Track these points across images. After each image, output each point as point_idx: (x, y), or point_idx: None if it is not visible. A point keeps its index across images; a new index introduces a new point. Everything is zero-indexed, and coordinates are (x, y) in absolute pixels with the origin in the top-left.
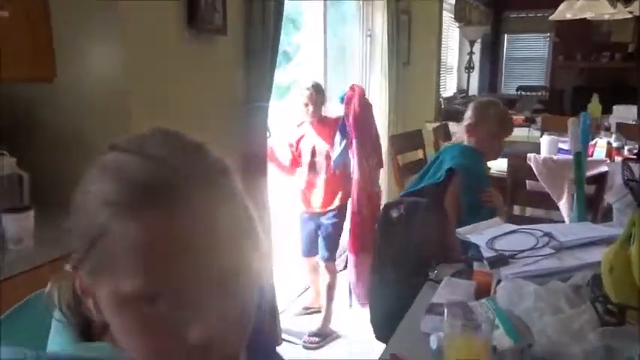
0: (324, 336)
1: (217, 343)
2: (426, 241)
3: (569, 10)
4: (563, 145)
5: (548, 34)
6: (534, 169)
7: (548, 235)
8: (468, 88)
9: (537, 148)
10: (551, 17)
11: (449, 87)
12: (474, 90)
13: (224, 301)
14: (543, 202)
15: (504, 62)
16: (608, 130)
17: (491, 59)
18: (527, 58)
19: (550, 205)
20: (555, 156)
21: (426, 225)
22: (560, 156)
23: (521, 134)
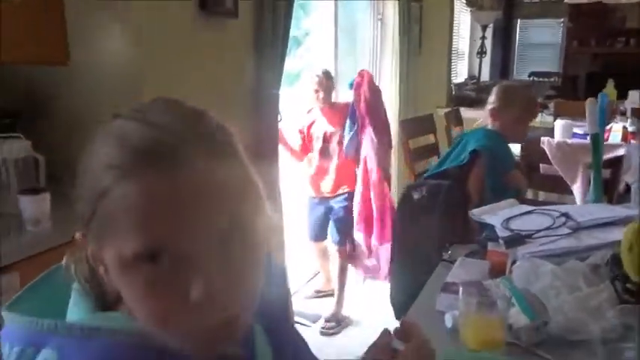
0: (339, 321)
1: (218, 302)
2: (448, 223)
3: None
4: (577, 129)
5: (562, 20)
6: (548, 153)
7: (565, 215)
8: (480, 73)
9: (550, 134)
10: (566, 0)
11: (460, 73)
12: (485, 76)
13: (225, 260)
14: (557, 186)
15: (517, 48)
16: (623, 114)
17: (504, 45)
18: (540, 43)
19: (564, 189)
20: (570, 140)
21: (448, 207)
22: (575, 140)
23: (534, 119)
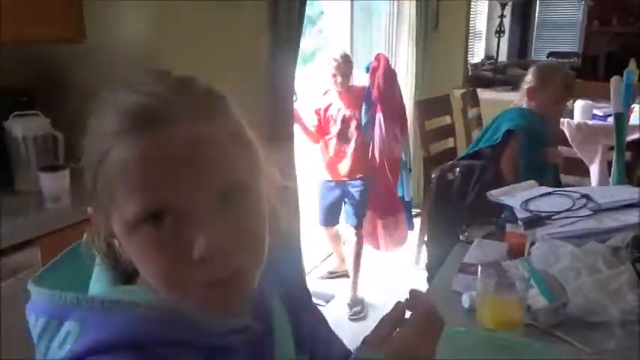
0: (361, 303)
1: (220, 257)
2: (481, 203)
3: None
4: (597, 110)
5: None
6: (567, 135)
7: (586, 196)
8: (498, 53)
9: (569, 115)
10: None
11: (476, 53)
12: (502, 56)
13: (225, 218)
14: (574, 168)
15: (536, 27)
16: None
17: (522, 24)
18: (560, 22)
19: (583, 172)
20: (590, 121)
21: (482, 187)
22: (595, 121)
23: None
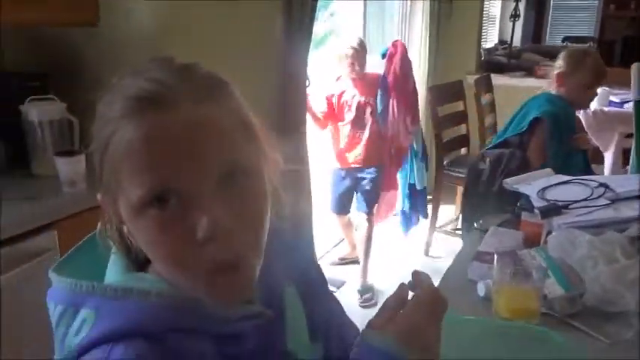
0: (371, 289)
1: (223, 240)
2: (507, 192)
3: None
4: (614, 97)
5: None
6: (583, 122)
7: (604, 185)
8: (512, 38)
9: None
10: None
11: (490, 38)
12: (517, 41)
13: (228, 200)
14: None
15: (551, 11)
16: None
17: (537, 8)
18: (576, 6)
19: (599, 160)
20: (606, 108)
21: (510, 176)
22: (612, 108)
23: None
